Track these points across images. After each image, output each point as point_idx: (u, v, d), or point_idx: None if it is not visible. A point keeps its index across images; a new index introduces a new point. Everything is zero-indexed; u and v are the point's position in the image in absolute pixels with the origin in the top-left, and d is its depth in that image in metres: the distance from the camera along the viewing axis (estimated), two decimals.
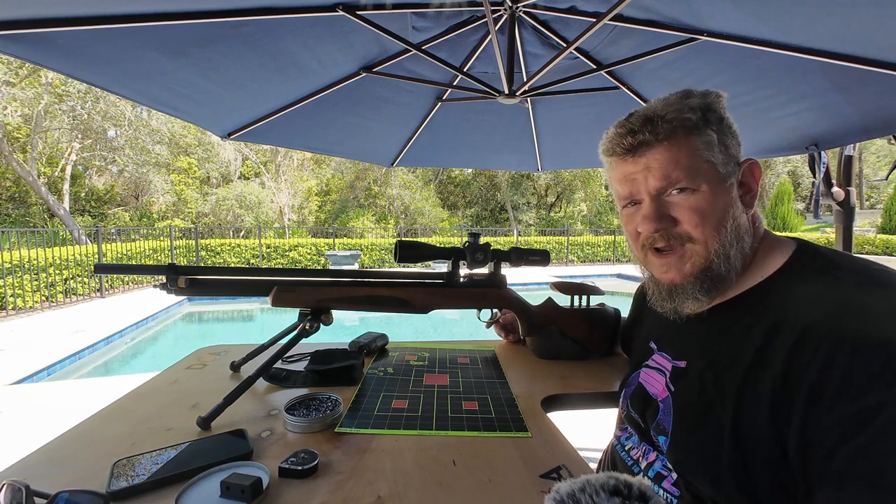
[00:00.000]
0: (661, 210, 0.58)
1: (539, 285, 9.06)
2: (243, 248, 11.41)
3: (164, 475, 0.58)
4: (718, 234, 0.56)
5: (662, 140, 0.57)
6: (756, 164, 0.60)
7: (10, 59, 10.38)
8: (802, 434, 0.44)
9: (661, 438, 0.62)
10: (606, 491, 0.36)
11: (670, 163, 0.57)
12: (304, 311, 0.92)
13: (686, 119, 0.57)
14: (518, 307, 1.05)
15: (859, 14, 1.14)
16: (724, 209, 0.57)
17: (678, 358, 0.65)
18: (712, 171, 0.56)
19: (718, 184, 0.57)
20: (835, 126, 1.76)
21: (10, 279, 6.32)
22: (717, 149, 0.57)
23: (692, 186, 0.56)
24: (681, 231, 0.58)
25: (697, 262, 0.58)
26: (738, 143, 0.60)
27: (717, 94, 0.60)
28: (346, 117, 2.32)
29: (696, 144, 0.56)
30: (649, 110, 0.59)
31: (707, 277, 0.58)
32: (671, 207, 0.58)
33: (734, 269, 0.57)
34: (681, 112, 0.57)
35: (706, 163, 0.56)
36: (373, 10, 1.48)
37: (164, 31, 1.29)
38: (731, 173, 0.58)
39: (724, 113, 0.60)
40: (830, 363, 0.43)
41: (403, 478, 0.60)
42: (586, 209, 20.66)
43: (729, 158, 0.58)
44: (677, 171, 0.56)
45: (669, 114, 0.57)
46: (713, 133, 0.57)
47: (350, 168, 19.30)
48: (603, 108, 2.30)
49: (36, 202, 14.82)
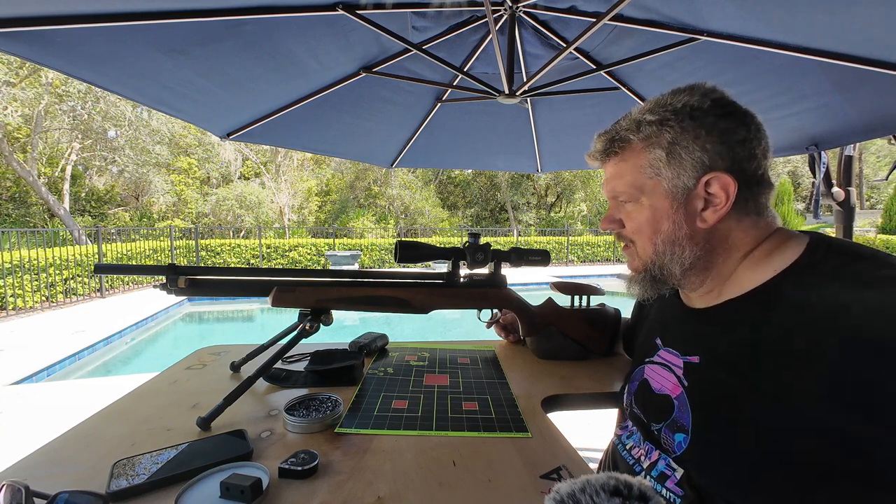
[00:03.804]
0: (611, 214, 0.67)
1: (539, 285, 9.06)
2: (243, 249, 11.41)
3: (164, 475, 0.58)
4: (652, 244, 0.62)
5: (614, 155, 0.64)
6: (716, 179, 0.57)
7: (11, 59, 10.39)
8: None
9: (678, 436, 0.60)
10: (607, 491, 0.36)
11: (615, 177, 0.64)
12: (304, 311, 0.92)
13: (629, 139, 0.62)
14: (518, 307, 1.05)
15: (859, 14, 1.14)
16: (660, 222, 0.61)
17: (689, 353, 0.64)
18: (656, 187, 0.61)
19: (661, 199, 0.61)
20: (835, 126, 1.76)
21: (10, 279, 6.32)
22: (665, 165, 0.59)
23: (631, 200, 0.63)
24: (626, 234, 0.66)
25: (639, 262, 0.66)
26: (718, 149, 0.57)
27: (703, 94, 0.59)
28: (346, 117, 2.32)
29: (641, 162, 0.61)
30: (614, 126, 0.65)
31: (648, 276, 0.65)
32: (621, 212, 0.66)
33: (672, 274, 0.63)
34: (630, 130, 0.62)
35: (650, 179, 0.61)
36: (373, 10, 1.48)
37: (163, 29, 1.29)
38: (682, 188, 0.59)
39: (704, 119, 0.58)
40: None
41: (403, 478, 0.60)
42: (586, 209, 20.66)
43: (682, 172, 0.59)
44: (620, 185, 0.64)
45: (621, 132, 0.63)
46: (663, 149, 0.59)
47: (350, 168, 19.30)
48: (603, 109, 2.30)
49: (36, 202, 14.83)
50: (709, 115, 0.58)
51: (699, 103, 0.59)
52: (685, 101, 0.59)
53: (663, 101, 0.61)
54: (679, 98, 0.60)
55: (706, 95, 0.60)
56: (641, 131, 0.61)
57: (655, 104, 0.62)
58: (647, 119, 0.60)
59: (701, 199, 0.59)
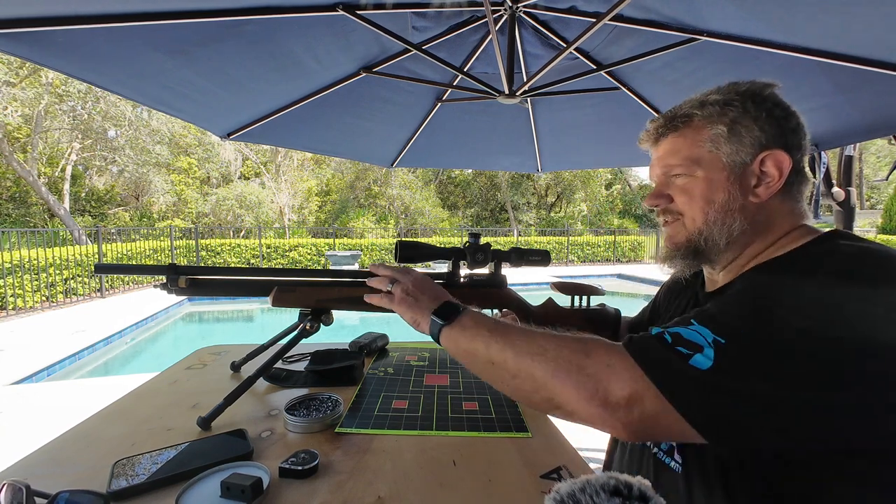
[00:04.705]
0: (660, 190, 0.69)
1: (539, 285, 9.06)
2: (243, 248, 11.41)
3: (165, 475, 0.58)
4: (703, 213, 0.64)
5: (671, 133, 0.67)
6: (772, 156, 0.61)
7: (11, 59, 10.39)
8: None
9: None
10: (607, 491, 0.36)
11: (670, 153, 0.66)
12: (304, 311, 0.92)
13: (693, 114, 0.65)
14: (518, 307, 1.05)
15: (860, 14, 1.14)
16: (714, 192, 0.63)
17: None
18: (714, 160, 0.63)
19: (718, 171, 0.63)
20: (835, 126, 1.76)
21: (10, 279, 6.32)
22: (726, 140, 0.62)
23: (686, 173, 0.65)
24: (674, 207, 0.68)
25: (685, 234, 0.67)
26: (774, 132, 0.61)
27: (764, 84, 0.64)
28: (346, 117, 2.32)
29: (701, 137, 0.64)
30: (676, 107, 0.68)
31: (692, 248, 0.66)
32: (670, 188, 0.68)
33: (716, 244, 0.64)
34: (693, 108, 0.65)
35: (708, 153, 0.63)
36: (373, 10, 1.48)
37: (163, 30, 1.29)
38: (739, 163, 0.62)
39: (763, 104, 0.62)
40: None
41: (404, 478, 0.60)
42: (586, 209, 20.65)
43: (741, 149, 0.62)
44: (675, 159, 0.66)
45: (683, 109, 0.66)
46: (725, 126, 0.62)
47: (350, 168, 19.29)
48: (603, 109, 2.30)
49: (36, 202, 14.82)
50: (767, 102, 0.63)
51: (760, 90, 0.64)
52: (749, 87, 0.64)
53: (727, 87, 0.65)
54: (742, 84, 0.65)
55: (766, 86, 0.65)
56: (705, 109, 0.64)
57: (719, 89, 0.66)
58: (712, 99, 0.64)
59: (755, 175, 0.62)
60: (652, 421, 0.48)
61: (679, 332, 0.50)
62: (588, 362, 0.52)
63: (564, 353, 0.53)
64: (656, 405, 0.47)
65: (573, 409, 0.52)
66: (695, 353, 0.47)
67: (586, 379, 0.50)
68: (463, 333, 0.64)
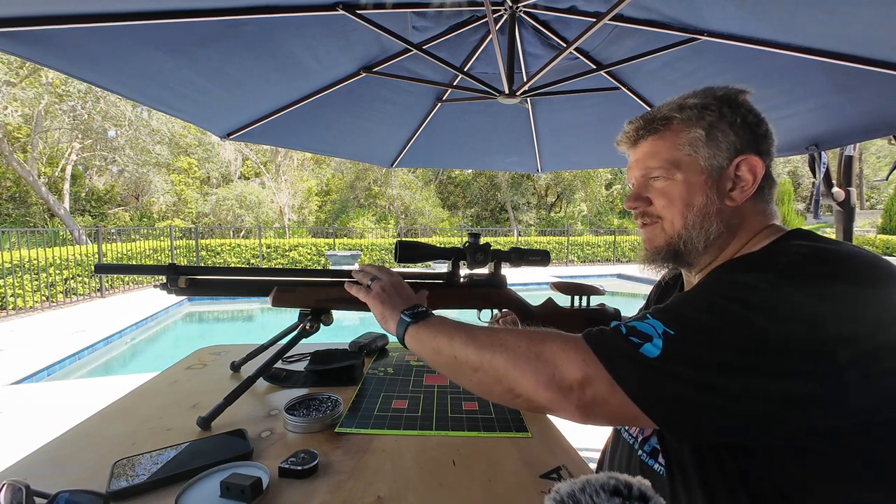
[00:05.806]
0: (639, 192, 0.70)
1: (539, 285, 9.06)
2: (243, 248, 11.40)
3: (165, 475, 0.58)
4: (682, 217, 0.65)
5: (650, 135, 0.68)
6: (747, 161, 0.63)
7: (11, 59, 10.39)
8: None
9: None
10: (606, 491, 0.36)
11: (650, 155, 0.68)
12: (304, 311, 0.92)
13: (672, 117, 0.66)
14: (518, 307, 1.05)
15: (860, 14, 1.14)
16: (693, 196, 0.64)
17: None
18: (693, 163, 0.64)
19: (696, 174, 0.64)
20: (835, 126, 1.76)
21: (10, 279, 6.32)
22: (704, 144, 0.64)
23: (665, 176, 0.66)
24: (653, 210, 0.69)
25: (664, 238, 0.68)
26: (748, 137, 0.63)
27: (738, 91, 0.66)
28: (346, 117, 2.32)
29: (680, 140, 0.65)
30: (653, 109, 0.69)
31: (672, 251, 0.68)
32: (649, 190, 0.69)
33: (694, 247, 0.66)
34: (672, 111, 0.66)
35: (686, 156, 0.65)
36: (373, 10, 1.48)
37: (163, 29, 1.29)
38: (716, 167, 0.63)
39: (738, 110, 0.64)
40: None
41: (403, 478, 0.60)
42: (586, 209, 20.65)
43: (718, 153, 0.63)
44: (654, 162, 0.67)
45: (662, 112, 0.67)
46: (703, 129, 0.64)
47: (350, 168, 19.28)
48: (603, 109, 2.30)
49: (36, 202, 14.82)
50: (742, 108, 0.65)
51: (735, 96, 0.65)
52: (724, 93, 0.66)
53: (703, 91, 0.67)
54: (718, 90, 0.67)
55: (740, 93, 0.67)
56: (684, 112, 0.65)
57: (696, 93, 0.68)
58: (690, 103, 0.65)
59: (730, 179, 0.64)
60: (604, 403, 0.50)
61: (634, 325, 0.52)
62: (544, 348, 0.54)
63: (523, 344, 0.56)
64: (607, 388, 0.50)
65: (531, 395, 0.54)
66: (645, 342, 0.50)
67: (542, 365, 0.53)
68: (428, 331, 0.67)
